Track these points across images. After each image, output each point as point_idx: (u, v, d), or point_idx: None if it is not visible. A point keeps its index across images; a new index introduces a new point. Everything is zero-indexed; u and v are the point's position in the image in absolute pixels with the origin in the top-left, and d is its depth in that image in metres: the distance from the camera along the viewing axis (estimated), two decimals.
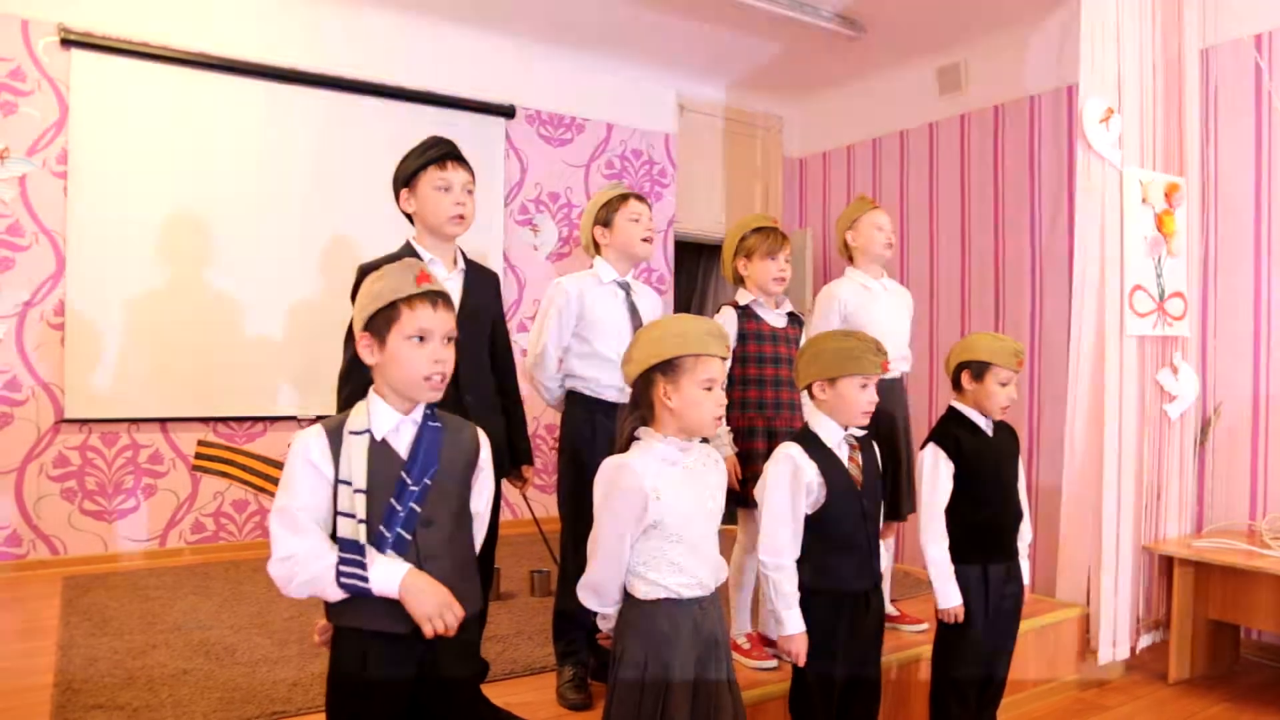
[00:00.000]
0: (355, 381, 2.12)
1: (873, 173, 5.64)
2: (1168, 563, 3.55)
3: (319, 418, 4.48)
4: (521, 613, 3.35)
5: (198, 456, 4.26)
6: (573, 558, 2.51)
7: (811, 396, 2.21)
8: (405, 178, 2.30)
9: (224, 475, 4.32)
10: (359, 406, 1.59)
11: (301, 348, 4.43)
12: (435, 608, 1.51)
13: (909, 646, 2.96)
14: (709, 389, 1.78)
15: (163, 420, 4.18)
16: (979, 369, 2.50)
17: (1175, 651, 3.42)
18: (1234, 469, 3.82)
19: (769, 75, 5.54)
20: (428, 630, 1.51)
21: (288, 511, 1.52)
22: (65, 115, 3.96)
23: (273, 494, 4.49)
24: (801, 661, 2.09)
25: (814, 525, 2.13)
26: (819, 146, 6.04)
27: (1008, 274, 4.84)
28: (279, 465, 4.42)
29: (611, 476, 1.77)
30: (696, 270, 6.80)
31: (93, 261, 4.00)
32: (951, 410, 2.58)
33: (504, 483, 2.45)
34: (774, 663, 2.78)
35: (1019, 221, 4.79)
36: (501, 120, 5.01)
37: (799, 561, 2.12)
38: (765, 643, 2.87)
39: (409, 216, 2.34)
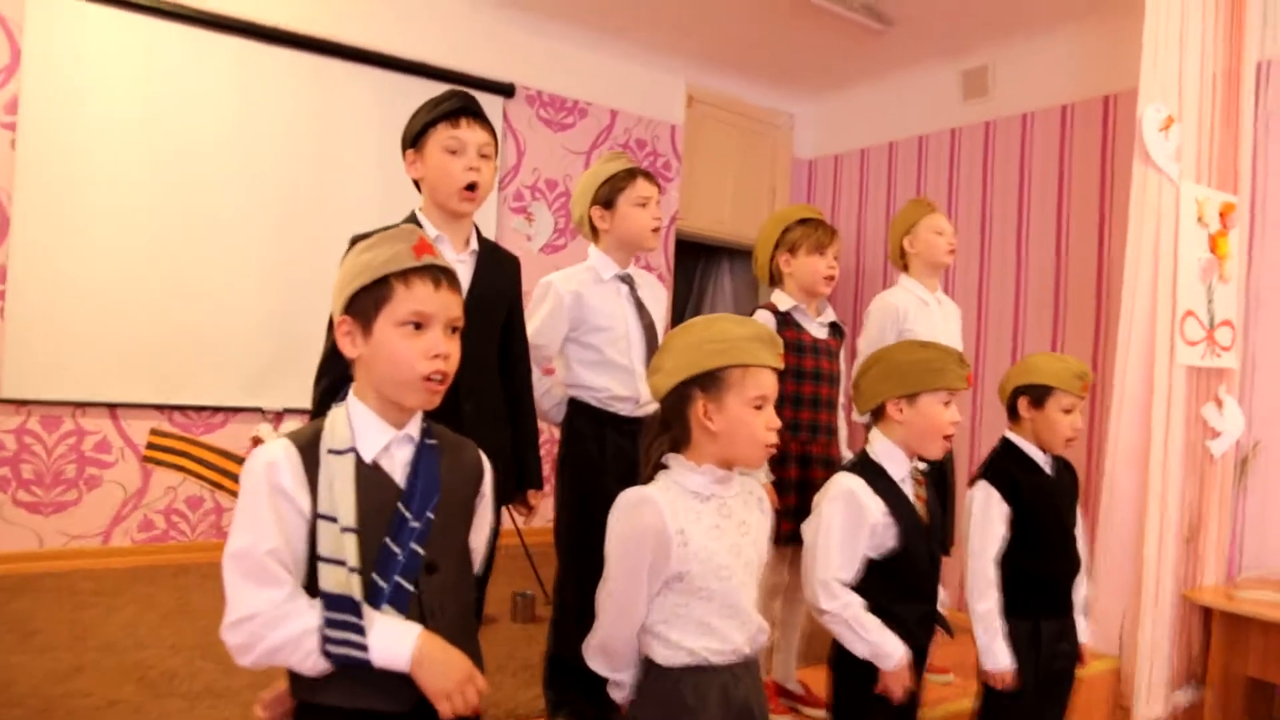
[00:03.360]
0: (335, 374, 1.77)
1: (888, 179, 5.35)
2: (1205, 613, 3.28)
3: (287, 410, 4.13)
4: (503, 642, 3.00)
5: (149, 447, 3.87)
6: (572, 598, 2.17)
7: (876, 420, 1.90)
8: (412, 136, 1.92)
9: (178, 469, 3.93)
10: (335, 415, 1.23)
11: (271, 332, 4.04)
12: (456, 683, 1.17)
13: (935, 703, 2.65)
14: (759, 407, 1.46)
15: (112, 405, 3.78)
16: (1039, 394, 2.21)
17: (1212, 712, 3.15)
18: (1269, 511, 3.56)
19: (783, 70, 5.23)
20: (445, 711, 1.17)
21: (250, 555, 1.14)
22: (16, 60, 3.55)
23: (232, 491, 4.15)
24: (907, 684, 1.81)
25: (876, 569, 1.82)
26: (831, 148, 5.74)
27: (1030, 293, 4.56)
28: (239, 460, 4.03)
29: (629, 513, 1.45)
30: (694, 272, 6.49)
31: (41, 224, 3.59)
32: (1006, 443, 2.28)
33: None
34: (790, 718, 2.47)
35: (1045, 240, 4.51)
36: (499, 99, 4.66)
37: None
38: (780, 693, 2.56)
39: (417, 184, 1.97)
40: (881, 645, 1.79)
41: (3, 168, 3.54)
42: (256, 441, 4.08)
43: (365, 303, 1.23)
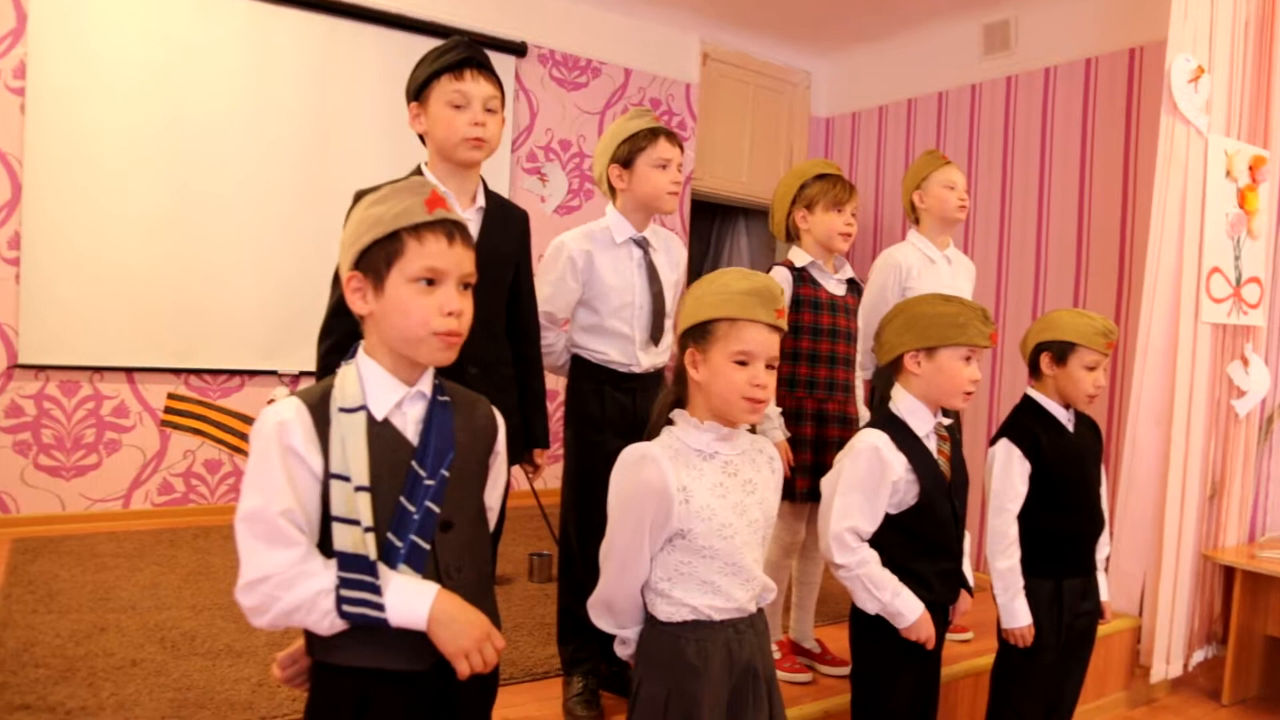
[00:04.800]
0: (340, 332, 1.75)
1: (906, 136, 5.24)
2: (1226, 573, 3.25)
3: (302, 374, 4.14)
4: (520, 602, 3.01)
5: (167, 411, 3.89)
6: (578, 550, 2.17)
7: (896, 373, 1.87)
8: (416, 89, 1.86)
9: (196, 432, 3.95)
10: (345, 373, 1.20)
11: (286, 295, 4.03)
12: (474, 641, 1.16)
13: (953, 660, 2.64)
14: (742, 363, 1.42)
15: (129, 370, 3.79)
16: (1062, 351, 2.16)
17: (1233, 670, 3.12)
18: None
19: (799, 26, 5.11)
20: (463, 670, 1.16)
21: (263, 517, 1.11)
22: (23, 24, 3.52)
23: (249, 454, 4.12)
24: (930, 635, 1.82)
25: (896, 524, 1.80)
26: (849, 106, 5.62)
27: (1051, 251, 4.48)
28: None
29: (630, 469, 1.43)
30: (710, 233, 6.42)
31: (53, 190, 3.58)
32: (1027, 399, 2.24)
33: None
34: (807, 675, 2.47)
35: (1068, 196, 4.42)
36: (511, 58, 4.59)
37: None
38: (797, 651, 2.56)
39: (422, 138, 1.91)
40: (893, 604, 1.78)
41: (13, 134, 3.52)
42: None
43: (376, 258, 1.19)
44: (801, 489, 2.32)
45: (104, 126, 3.66)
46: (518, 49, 4.60)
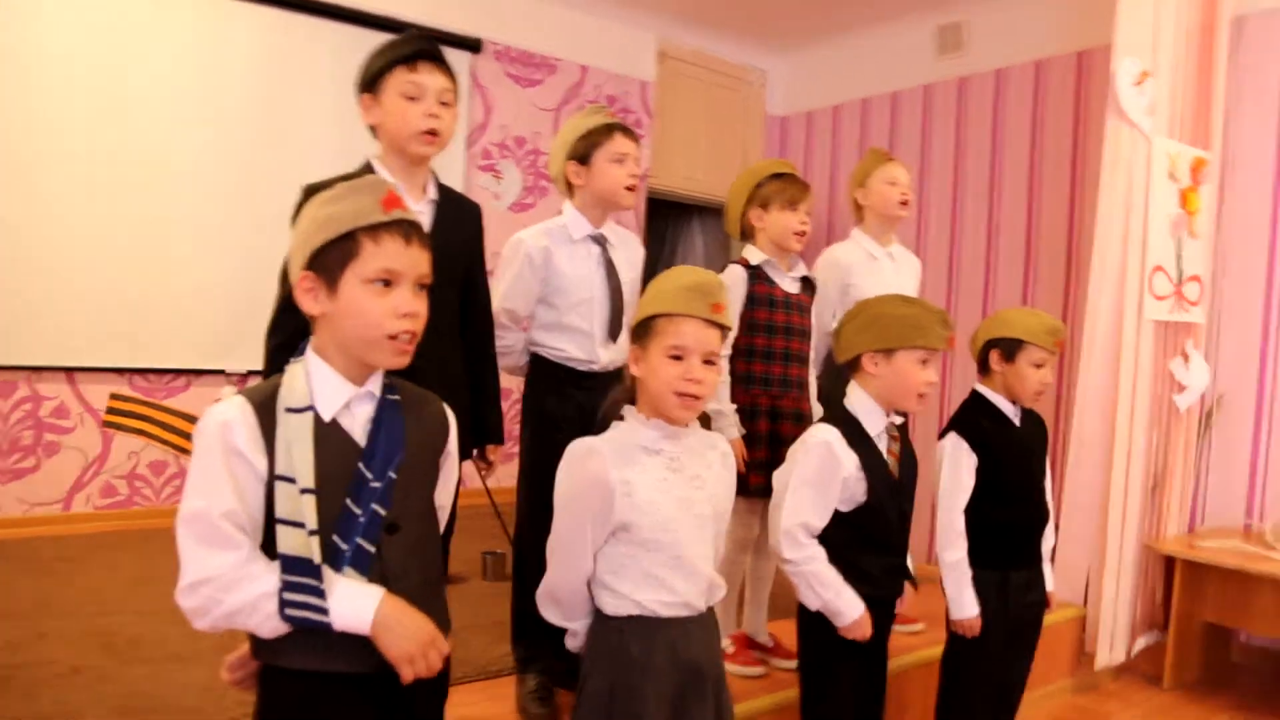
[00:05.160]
0: (289, 329, 1.71)
1: (860, 136, 5.30)
2: (1166, 562, 3.34)
3: (250, 373, 4.06)
4: (474, 601, 2.99)
5: (109, 411, 3.79)
6: (531, 548, 2.16)
7: (853, 371, 1.89)
8: (368, 80, 1.83)
9: (139, 433, 3.85)
10: (293, 371, 1.18)
11: (233, 292, 3.94)
12: (418, 645, 1.15)
13: (903, 651, 2.68)
14: (676, 357, 1.42)
15: (69, 369, 3.69)
16: (1010, 348, 2.20)
17: (1173, 656, 3.21)
18: (1232, 464, 3.62)
19: (755, 25, 5.14)
20: (407, 675, 1.15)
21: (205, 518, 1.09)
22: None
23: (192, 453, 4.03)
24: (866, 635, 1.83)
25: (844, 521, 1.82)
26: (804, 105, 5.68)
27: (1000, 250, 4.57)
28: None
29: (574, 463, 1.45)
30: (665, 231, 6.43)
31: None
32: (975, 395, 2.28)
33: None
34: (760, 669, 2.48)
35: (1017, 196, 4.51)
36: (466, 55, 4.55)
37: None
38: (751, 645, 2.57)
39: (373, 130, 1.88)
40: (834, 603, 1.80)
41: None
42: None
43: (330, 258, 1.16)
44: (755, 485, 2.33)
45: (48, 122, 3.55)
46: (473, 45, 4.56)
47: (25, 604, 2.71)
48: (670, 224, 6.42)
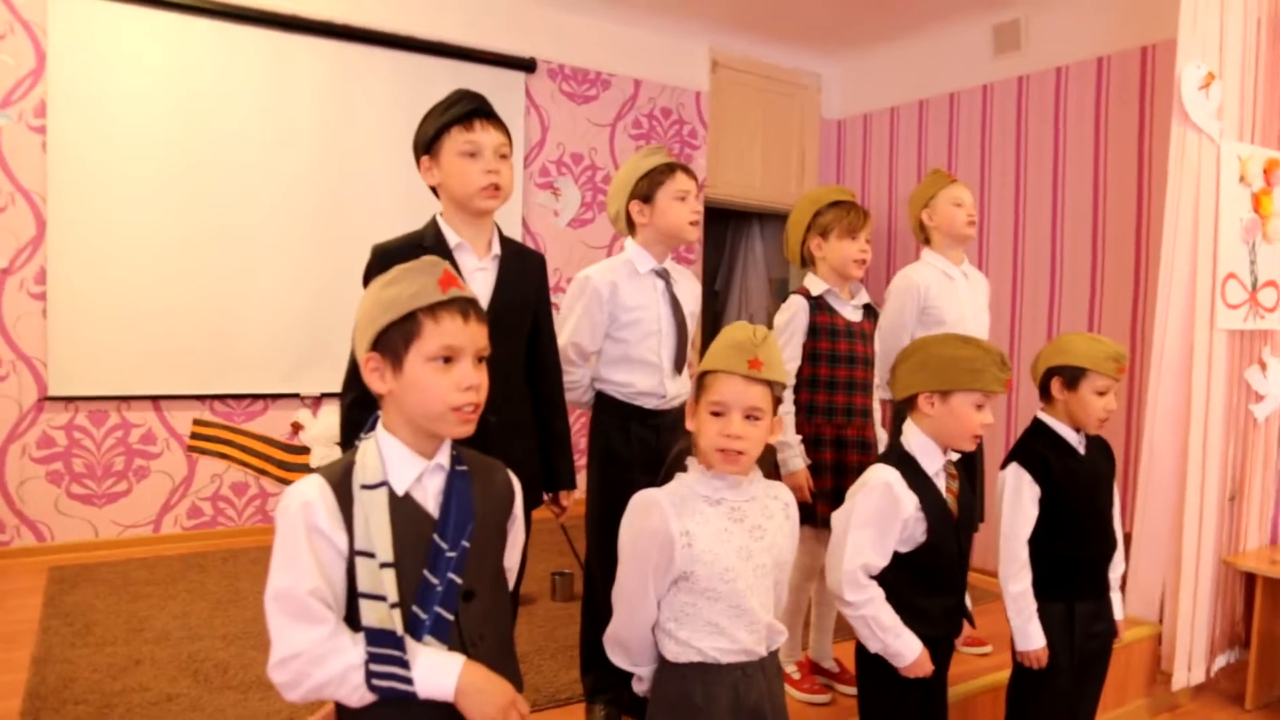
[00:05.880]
0: (361, 387, 1.78)
1: (918, 138, 5.23)
2: (1247, 578, 3.24)
3: (324, 395, 4.20)
4: (542, 623, 3.06)
5: (193, 436, 3.97)
6: (601, 584, 2.21)
7: (909, 409, 1.89)
8: (425, 142, 1.88)
9: (222, 456, 4.03)
10: (365, 448, 1.24)
11: (305, 321, 4.11)
12: (500, 710, 1.20)
13: (972, 676, 2.66)
14: (717, 414, 1.47)
15: (155, 397, 3.88)
16: (1073, 376, 2.16)
17: (1255, 674, 3.12)
18: None
19: (808, 29, 5.10)
20: None
21: (292, 595, 1.15)
22: (42, 64, 3.59)
23: (275, 476, 4.24)
24: (928, 672, 1.84)
25: (903, 562, 1.83)
26: (860, 108, 5.62)
27: (1066, 255, 4.46)
28: (280, 446, 4.13)
29: (637, 515, 1.50)
30: (724, 238, 6.44)
31: (76, 225, 3.66)
32: (1038, 424, 2.25)
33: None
34: (827, 696, 2.50)
35: (1081, 197, 4.40)
36: (521, 75, 4.62)
37: None
38: (816, 671, 2.59)
39: (434, 190, 1.93)
40: (893, 645, 1.81)
41: (36, 171, 3.60)
42: (296, 427, 4.17)
43: (393, 339, 1.22)
44: (823, 514, 2.35)
45: (124, 160, 3.73)
46: (527, 65, 4.63)
47: (121, 629, 2.87)
48: (730, 231, 6.43)
